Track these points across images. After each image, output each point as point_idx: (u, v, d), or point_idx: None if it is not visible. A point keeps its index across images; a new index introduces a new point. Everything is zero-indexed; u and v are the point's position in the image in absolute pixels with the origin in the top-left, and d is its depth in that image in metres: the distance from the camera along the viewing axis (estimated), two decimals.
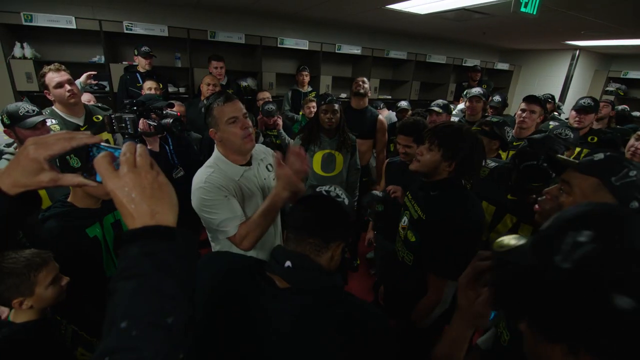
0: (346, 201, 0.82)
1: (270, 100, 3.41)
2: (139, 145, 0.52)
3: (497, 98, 3.62)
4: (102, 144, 0.56)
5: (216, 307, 0.71)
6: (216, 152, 1.44)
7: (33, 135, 1.72)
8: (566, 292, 0.43)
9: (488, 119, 2.81)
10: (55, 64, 2.09)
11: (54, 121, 2.04)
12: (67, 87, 2.07)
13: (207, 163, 1.43)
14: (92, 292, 1.32)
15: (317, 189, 0.89)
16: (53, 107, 2.14)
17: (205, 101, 1.38)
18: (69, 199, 1.32)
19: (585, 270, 0.41)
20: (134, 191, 0.48)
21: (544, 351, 0.48)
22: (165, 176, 0.53)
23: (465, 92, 4.04)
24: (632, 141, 1.94)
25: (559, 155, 1.07)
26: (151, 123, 1.77)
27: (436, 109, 2.81)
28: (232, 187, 1.38)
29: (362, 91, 2.84)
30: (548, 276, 0.44)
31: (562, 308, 0.44)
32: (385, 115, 4.04)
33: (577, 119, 2.64)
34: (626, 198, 0.89)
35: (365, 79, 2.92)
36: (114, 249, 1.41)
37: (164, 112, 1.85)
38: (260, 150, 1.59)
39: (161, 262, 0.45)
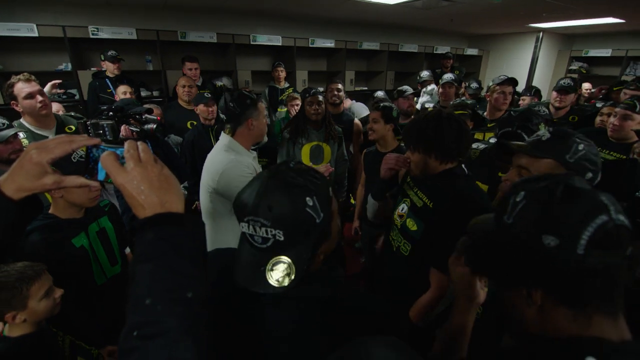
0: (262, 232, 0.60)
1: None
2: (140, 143, 0.55)
3: (474, 85, 3.80)
4: (103, 144, 0.58)
5: (217, 309, 0.70)
6: (230, 140, 1.63)
7: (5, 149, 1.67)
8: (511, 242, 0.52)
9: (462, 100, 2.90)
10: (25, 73, 2.00)
11: (21, 135, 1.96)
12: (39, 97, 1.98)
13: (222, 148, 1.62)
14: (85, 302, 1.32)
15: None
16: (21, 120, 2.05)
17: (248, 100, 1.62)
18: (50, 211, 1.30)
19: (521, 221, 0.51)
20: (142, 184, 0.51)
21: (510, 299, 0.55)
22: (169, 169, 0.56)
23: (419, 77, 4.22)
24: (611, 118, 2.07)
25: (513, 142, 1.11)
26: (133, 129, 1.74)
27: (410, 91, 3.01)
28: (252, 166, 1.62)
29: (337, 102, 2.95)
30: (500, 233, 0.54)
31: (511, 256, 0.53)
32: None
33: (558, 98, 2.72)
34: (581, 172, 0.95)
35: (340, 86, 2.97)
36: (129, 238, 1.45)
37: (143, 118, 1.82)
38: None
39: (175, 244, 0.48)
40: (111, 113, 1.73)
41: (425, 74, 4.20)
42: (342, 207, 2.80)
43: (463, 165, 1.33)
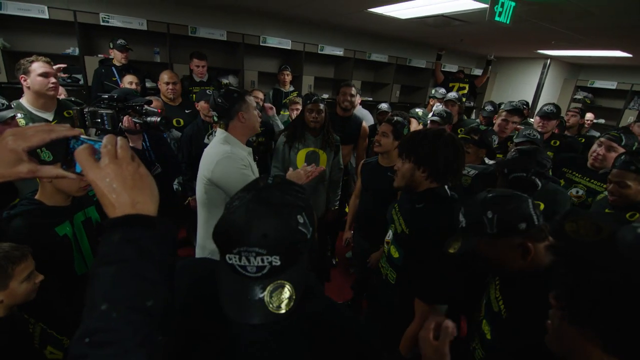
0: (257, 262, 0.55)
1: (263, 99, 3.39)
2: (119, 138, 0.53)
3: (489, 107, 3.73)
4: (83, 136, 0.56)
5: (190, 321, 0.67)
6: (226, 134, 1.66)
7: (2, 129, 1.65)
8: None
9: (477, 125, 2.88)
10: (46, 58, 2.05)
11: (19, 115, 1.94)
12: (52, 79, 2.03)
13: (219, 141, 1.65)
14: (62, 291, 1.29)
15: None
16: (20, 100, 2.05)
17: (235, 94, 1.67)
18: (36, 197, 1.28)
19: None
20: (115, 182, 0.49)
21: (585, 350, 0.48)
22: (145, 168, 0.54)
23: (433, 92, 4.16)
24: (594, 147, 2.09)
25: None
26: (137, 121, 1.73)
27: (437, 119, 2.88)
28: (246, 160, 1.66)
29: (349, 107, 2.86)
30: (632, 297, 0.43)
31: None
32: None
33: (540, 124, 2.73)
34: (512, 230, 0.94)
35: (353, 91, 2.86)
36: (97, 235, 1.39)
37: (144, 109, 1.79)
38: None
39: (142, 248, 0.46)
40: (112, 102, 1.71)
41: (442, 91, 4.00)
42: (336, 215, 2.78)
43: (446, 187, 1.33)
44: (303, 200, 0.61)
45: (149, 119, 1.78)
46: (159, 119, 1.78)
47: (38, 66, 1.98)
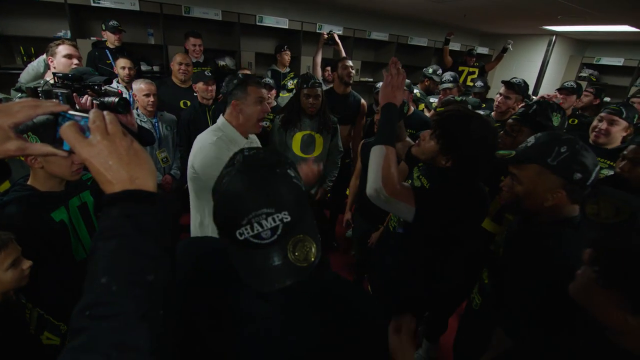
0: (269, 223, 0.55)
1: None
2: (106, 113, 0.51)
3: (479, 84, 3.70)
4: (70, 112, 0.54)
5: (196, 302, 0.67)
6: (223, 121, 1.57)
7: None
8: None
9: (463, 99, 2.85)
10: (72, 42, 2.17)
11: None
12: (75, 60, 2.13)
13: (213, 128, 1.58)
14: (61, 277, 1.29)
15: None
16: (49, 79, 2.11)
17: (240, 75, 1.57)
18: (28, 182, 1.25)
19: None
20: (110, 158, 0.47)
21: (608, 309, 0.62)
22: (139, 143, 0.52)
23: (439, 77, 4.01)
24: (595, 122, 2.06)
25: (498, 152, 1.12)
26: (95, 101, 1.65)
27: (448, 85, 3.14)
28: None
29: (351, 82, 2.83)
30: None
31: None
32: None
33: (559, 98, 2.72)
34: (567, 173, 0.96)
35: (353, 65, 2.85)
36: (95, 212, 1.39)
37: (102, 90, 1.71)
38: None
39: (142, 224, 0.46)
40: (67, 82, 1.63)
41: (447, 76, 3.52)
42: (327, 195, 2.73)
43: None
44: (286, 157, 0.63)
45: (106, 99, 1.68)
46: (116, 99, 1.68)
47: (63, 48, 2.10)
